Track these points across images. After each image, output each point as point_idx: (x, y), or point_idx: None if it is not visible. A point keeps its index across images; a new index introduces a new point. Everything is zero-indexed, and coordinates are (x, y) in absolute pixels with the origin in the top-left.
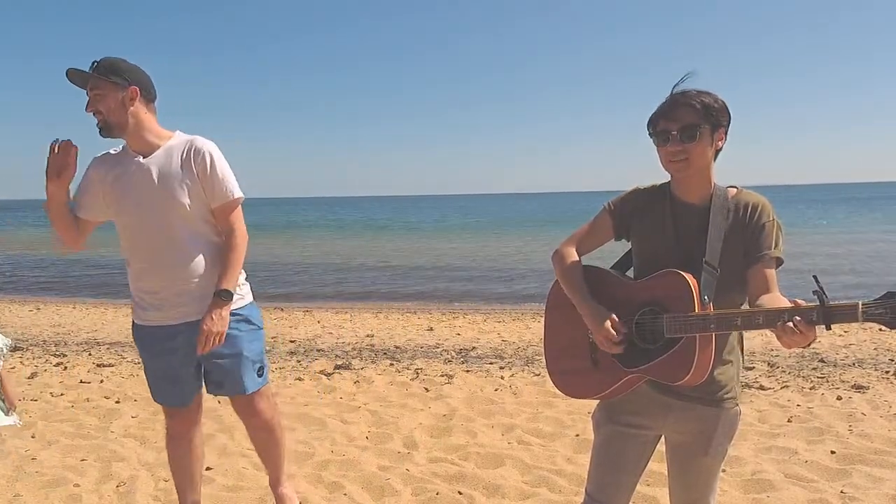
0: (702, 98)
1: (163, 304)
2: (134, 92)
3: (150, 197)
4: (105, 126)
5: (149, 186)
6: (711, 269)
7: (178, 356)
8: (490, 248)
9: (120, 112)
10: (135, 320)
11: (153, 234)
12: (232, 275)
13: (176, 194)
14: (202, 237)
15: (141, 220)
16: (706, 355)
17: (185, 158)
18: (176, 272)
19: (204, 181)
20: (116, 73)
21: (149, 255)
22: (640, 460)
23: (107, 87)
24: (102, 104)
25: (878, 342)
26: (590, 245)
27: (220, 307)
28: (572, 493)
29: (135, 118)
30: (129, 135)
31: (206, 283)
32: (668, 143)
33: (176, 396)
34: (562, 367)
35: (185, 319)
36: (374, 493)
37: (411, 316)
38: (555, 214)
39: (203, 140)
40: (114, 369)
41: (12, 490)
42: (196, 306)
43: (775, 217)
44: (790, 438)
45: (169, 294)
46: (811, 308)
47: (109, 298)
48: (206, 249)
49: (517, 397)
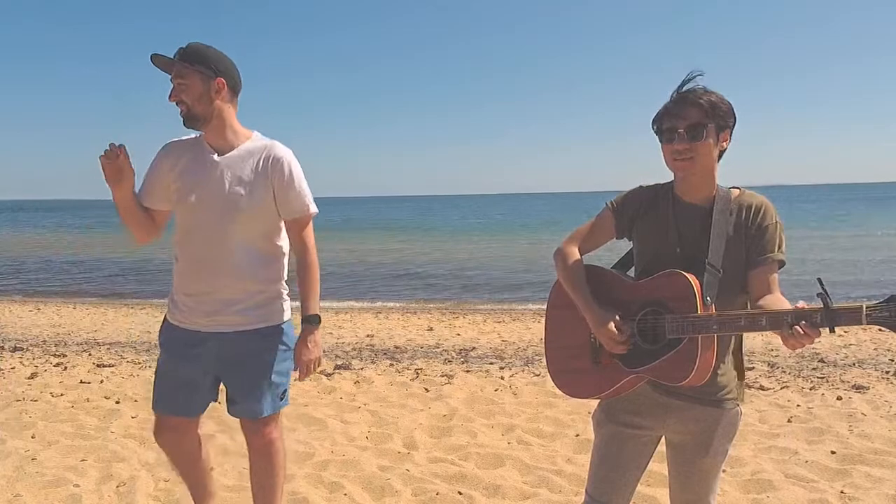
0: (709, 97)
1: (199, 309)
2: (221, 84)
3: (215, 198)
4: (189, 117)
5: (216, 187)
6: (714, 270)
7: (200, 364)
8: (492, 248)
9: (205, 103)
10: (167, 318)
11: (207, 236)
12: (315, 296)
13: (244, 202)
14: (256, 250)
15: (198, 218)
16: (708, 356)
17: (262, 165)
18: (221, 280)
19: (279, 193)
20: (203, 62)
21: (197, 257)
22: (641, 460)
23: (192, 76)
24: (187, 94)
25: (878, 342)
26: (592, 244)
27: (312, 333)
28: (572, 493)
29: (219, 111)
30: (211, 128)
31: (247, 297)
32: (675, 140)
33: (184, 406)
34: (563, 367)
35: (216, 329)
36: (374, 493)
37: (411, 316)
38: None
39: (283, 148)
40: (114, 369)
41: (12, 490)
42: (232, 318)
43: (778, 219)
44: (790, 438)
45: (208, 300)
46: (815, 310)
47: (110, 299)
48: (256, 263)
49: (517, 397)
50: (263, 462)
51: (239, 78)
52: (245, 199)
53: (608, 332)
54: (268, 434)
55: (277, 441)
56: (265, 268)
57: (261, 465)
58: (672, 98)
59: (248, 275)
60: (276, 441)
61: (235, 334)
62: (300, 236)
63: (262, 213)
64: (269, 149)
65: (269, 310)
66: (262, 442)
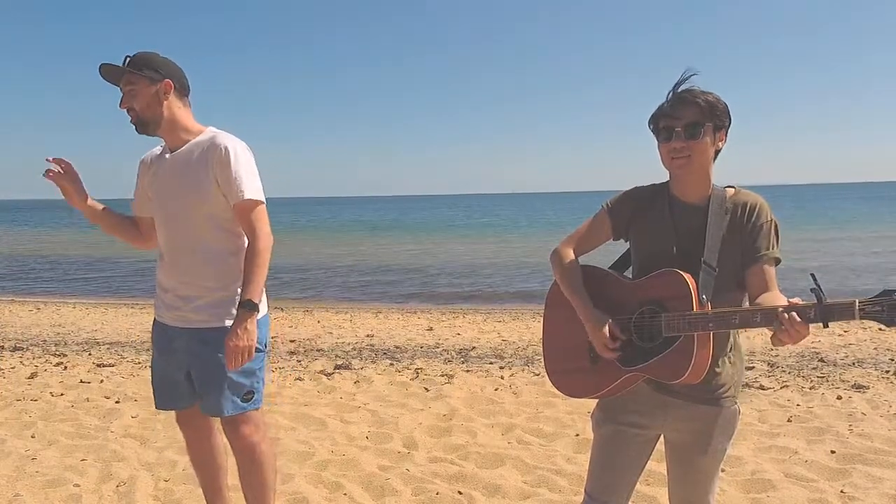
0: (706, 96)
1: (171, 304)
2: (167, 85)
3: (173, 192)
4: (139, 122)
5: (172, 182)
6: (710, 269)
7: (175, 359)
8: (491, 248)
9: (154, 107)
10: (155, 315)
11: (172, 230)
12: (255, 283)
13: (191, 190)
14: (211, 247)
15: (164, 215)
16: (704, 354)
17: (203, 153)
18: (180, 277)
19: (220, 178)
20: (150, 67)
21: (166, 253)
22: (640, 459)
23: (140, 82)
24: (136, 100)
25: (878, 342)
26: (588, 245)
27: (243, 320)
28: (572, 493)
29: (169, 112)
30: (163, 131)
31: (205, 293)
32: (672, 139)
33: (169, 400)
34: (560, 367)
35: (183, 325)
36: (374, 493)
37: (411, 316)
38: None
39: (226, 135)
40: (114, 369)
41: (12, 490)
42: (191, 315)
43: (773, 217)
44: (790, 438)
45: (171, 296)
46: (809, 306)
47: (110, 298)
48: (212, 260)
49: (517, 397)
50: (245, 463)
51: (185, 80)
52: (195, 187)
53: (601, 337)
54: (247, 436)
55: (259, 444)
56: (221, 265)
57: (244, 467)
58: (669, 97)
59: (204, 272)
60: (256, 444)
61: (198, 331)
62: (247, 221)
63: (209, 202)
64: (213, 139)
65: (229, 308)
66: (241, 444)
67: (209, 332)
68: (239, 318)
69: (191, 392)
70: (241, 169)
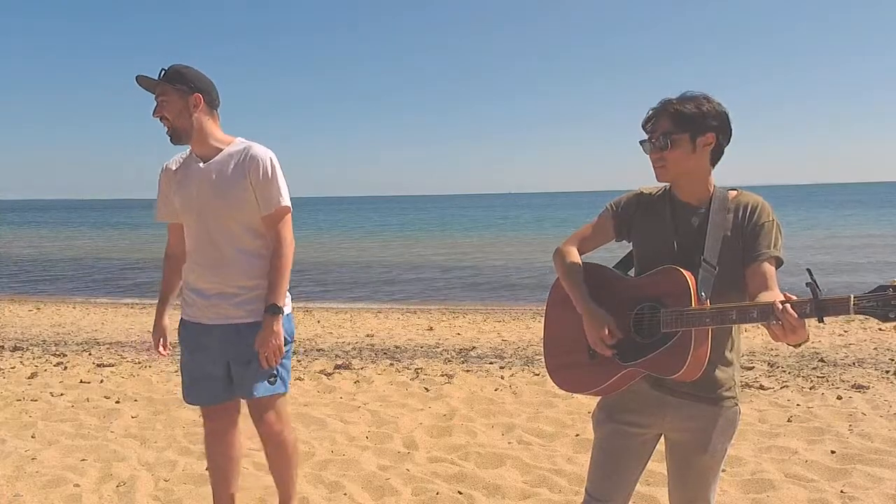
0: (677, 106)
1: (203, 303)
2: (198, 99)
3: (207, 199)
4: (172, 132)
5: (206, 189)
6: (709, 267)
7: (210, 355)
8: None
9: (184, 118)
10: (182, 316)
11: (204, 235)
12: (280, 287)
13: (229, 199)
14: (246, 248)
15: (197, 220)
16: (702, 350)
17: (240, 164)
18: (217, 277)
19: (257, 189)
20: (182, 81)
21: (198, 255)
22: (640, 459)
23: (173, 94)
24: (168, 109)
25: (877, 342)
26: (591, 245)
27: (271, 323)
28: (572, 493)
29: (198, 124)
30: (193, 140)
31: (242, 291)
32: (648, 150)
33: (204, 395)
34: (560, 361)
35: (219, 321)
36: (374, 493)
37: (411, 316)
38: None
39: (260, 147)
40: (114, 369)
41: (12, 490)
42: (229, 311)
43: (774, 217)
44: (790, 438)
45: (210, 294)
46: (804, 301)
47: (110, 298)
48: (247, 260)
49: (517, 397)
50: (271, 448)
51: (216, 93)
52: (231, 196)
53: (600, 333)
54: (272, 424)
55: (282, 431)
56: (256, 264)
57: (270, 451)
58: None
59: (243, 271)
60: (280, 431)
61: (235, 326)
62: (275, 229)
63: (245, 210)
64: (248, 150)
65: (262, 305)
66: (267, 431)
67: (244, 326)
68: (266, 322)
69: (227, 386)
70: (278, 181)
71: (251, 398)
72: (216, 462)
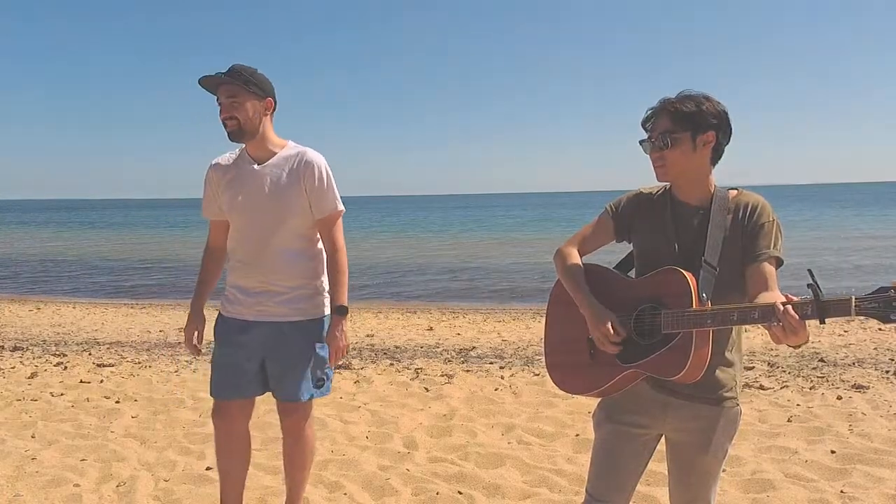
0: (677, 105)
1: (247, 300)
2: (270, 104)
3: (259, 202)
4: (238, 132)
5: (259, 192)
6: (710, 268)
7: (246, 350)
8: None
9: (255, 121)
10: (220, 311)
11: (254, 235)
12: (344, 288)
13: (282, 203)
14: (296, 249)
15: (246, 221)
16: (703, 352)
17: (295, 169)
18: (265, 276)
19: (311, 194)
20: (256, 83)
21: (246, 254)
22: (641, 459)
23: (246, 96)
24: (240, 111)
25: (878, 342)
26: (591, 246)
27: (340, 323)
28: (572, 493)
29: (263, 127)
30: (255, 142)
31: (289, 290)
32: (648, 150)
33: (233, 388)
34: (560, 361)
35: (261, 318)
36: (374, 493)
37: (411, 316)
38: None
39: (314, 153)
40: (114, 369)
41: (12, 490)
42: (275, 308)
43: (775, 217)
44: (790, 438)
45: (254, 292)
46: (806, 302)
47: (110, 298)
48: (296, 260)
49: (517, 397)
50: (290, 442)
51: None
52: (284, 199)
53: (604, 331)
54: (296, 421)
55: (305, 429)
56: (305, 265)
57: (289, 447)
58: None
59: (289, 271)
60: (303, 429)
61: (278, 324)
62: (329, 234)
63: (299, 213)
64: (302, 155)
65: (310, 304)
66: (292, 426)
67: (287, 325)
68: (334, 322)
69: (259, 381)
70: (332, 184)
71: (297, 401)
72: (227, 462)
